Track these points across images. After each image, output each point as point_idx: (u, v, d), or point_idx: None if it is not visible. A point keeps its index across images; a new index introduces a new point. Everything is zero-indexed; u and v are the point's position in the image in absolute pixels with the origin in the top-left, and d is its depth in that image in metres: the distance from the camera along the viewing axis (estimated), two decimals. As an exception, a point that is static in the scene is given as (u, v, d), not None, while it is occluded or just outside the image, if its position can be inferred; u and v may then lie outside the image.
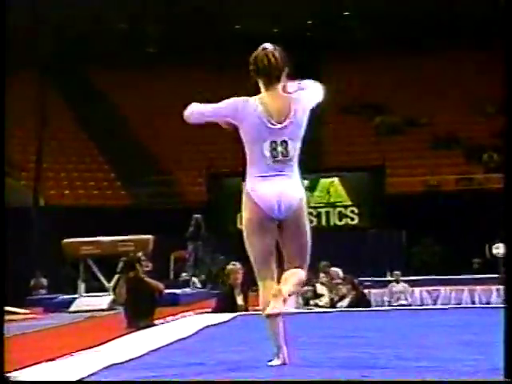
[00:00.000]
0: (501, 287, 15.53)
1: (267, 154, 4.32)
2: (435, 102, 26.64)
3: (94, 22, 28.55)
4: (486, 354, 4.66)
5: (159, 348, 5.66)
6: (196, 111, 4.50)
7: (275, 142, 4.31)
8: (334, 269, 15.92)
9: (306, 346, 5.30)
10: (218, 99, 4.52)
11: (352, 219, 22.72)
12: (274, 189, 4.31)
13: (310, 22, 30.63)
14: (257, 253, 4.39)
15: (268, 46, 4.39)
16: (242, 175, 4.55)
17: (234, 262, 11.02)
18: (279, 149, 4.31)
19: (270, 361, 4.37)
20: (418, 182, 23.82)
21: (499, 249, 18.27)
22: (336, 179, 22.85)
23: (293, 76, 4.50)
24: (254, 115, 4.31)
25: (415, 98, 26.97)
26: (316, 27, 30.33)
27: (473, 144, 25.33)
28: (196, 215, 20.99)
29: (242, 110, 4.33)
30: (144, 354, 5.22)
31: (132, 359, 4.94)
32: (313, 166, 21.16)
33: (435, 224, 21.32)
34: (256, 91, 4.44)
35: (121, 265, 11.48)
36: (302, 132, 4.38)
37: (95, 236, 16.61)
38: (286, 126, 4.32)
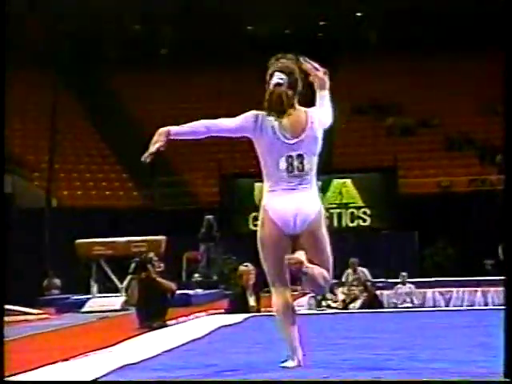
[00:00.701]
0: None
1: (283, 168, 4.30)
2: (447, 102, 26.54)
3: (108, 23, 28.68)
4: (500, 356, 4.64)
5: (172, 349, 5.67)
6: (207, 125, 4.39)
7: (291, 156, 4.30)
8: (361, 268, 16.18)
9: (319, 347, 5.29)
10: (229, 101, 4.53)
11: (364, 220, 22.67)
12: (291, 204, 4.30)
13: (322, 23, 30.64)
14: (270, 266, 4.41)
15: (280, 79, 4.32)
16: (254, 176, 4.57)
17: (246, 263, 11.00)
18: (295, 163, 4.30)
19: (283, 362, 4.36)
20: (430, 183, 23.74)
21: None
22: (348, 180, 22.80)
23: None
24: (270, 130, 4.30)
25: (427, 99, 26.88)
26: (328, 28, 30.34)
27: (486, 145, 25.22)
28: (208, 216, 21.00)
29: (261, 124, 4.32)
30: (157, 355, 5.23)
31: (145, 360, 4.94)
32: (325, 167, 21.00)
33: (448, 225, 21.25)
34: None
35: (133, 265, 11.54)
36: (318, 147, 4.38)
37: (108, 237, 16.64)
38: (302, 140, 4.31)
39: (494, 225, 20.07)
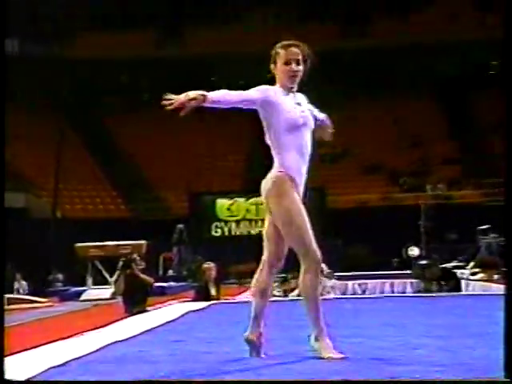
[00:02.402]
0: (414, 280, 15.71)
1: None
2: (366, 137, 26.93)
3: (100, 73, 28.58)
4: (403, 333, 4.72)
5: (151, 329, 5.64)
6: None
7: None
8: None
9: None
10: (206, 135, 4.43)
11: (301, 228, 22.81)
12: None
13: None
14: (306, 233, 3.66)
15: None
16: (216, 194, 4.45)
17: (208, 262, 10.99)
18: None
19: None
20: (351, 200, 24.03)
21: (413, 251, 18.47)
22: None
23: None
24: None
25: (351, 134, 27.22)
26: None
27: (392, 170, 25.72)
28: (179, 225, 20.97)
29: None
30: (139, 334, 5.21)
31: (129, 337, 4.92)
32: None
33: (364, 232, 21.49)
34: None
35: (120, 264, 11.41)
36: (264, 124, 3.69)
37: (101, 241, 16.50)
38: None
39: (398, 231, 20.45)
